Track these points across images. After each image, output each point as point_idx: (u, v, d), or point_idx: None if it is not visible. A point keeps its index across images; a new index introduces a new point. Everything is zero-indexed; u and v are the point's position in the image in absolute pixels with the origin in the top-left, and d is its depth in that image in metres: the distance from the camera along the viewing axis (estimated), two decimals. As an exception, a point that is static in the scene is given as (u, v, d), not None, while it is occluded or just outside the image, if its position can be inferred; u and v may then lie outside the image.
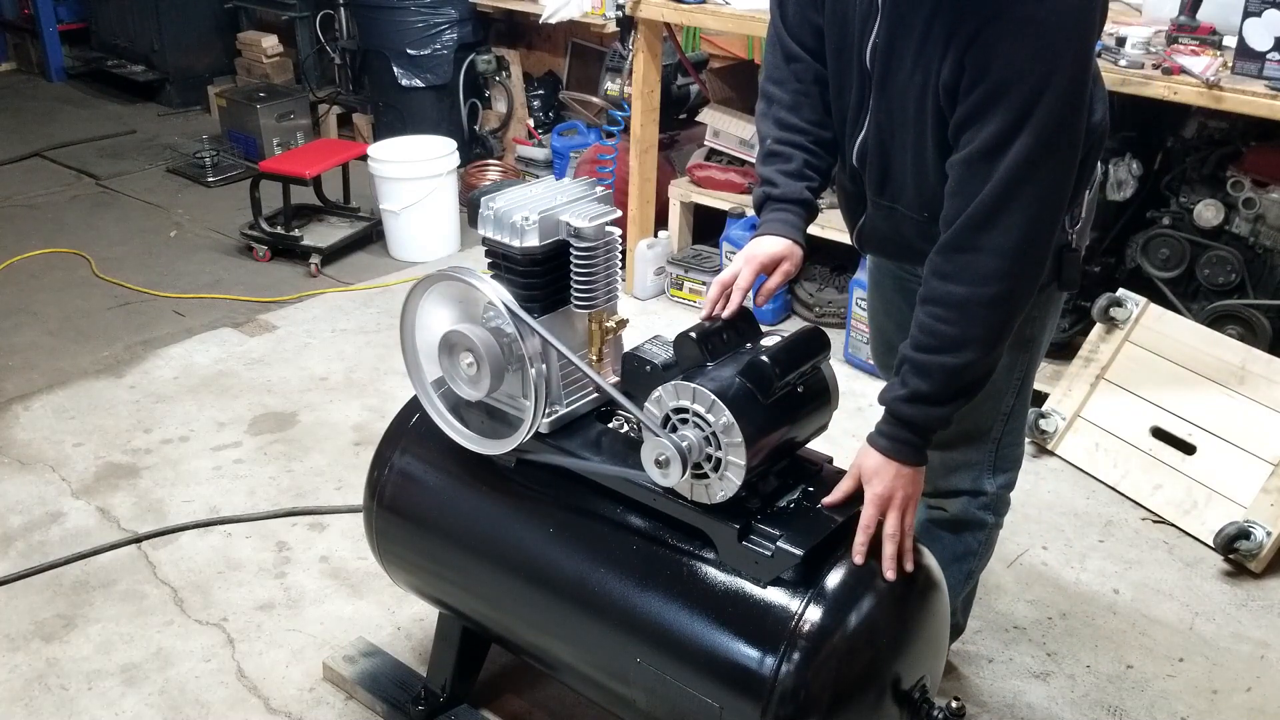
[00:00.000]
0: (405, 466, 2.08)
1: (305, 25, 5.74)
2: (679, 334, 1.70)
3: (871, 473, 1.66)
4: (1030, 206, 1.55)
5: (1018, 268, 1.59)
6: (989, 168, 1.54)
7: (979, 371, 1.64)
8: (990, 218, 1.56)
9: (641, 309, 3.99)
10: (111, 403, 3.43)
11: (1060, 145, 1.55)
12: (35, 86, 6.85)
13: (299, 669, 2.39)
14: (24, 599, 2.60)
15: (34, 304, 4.10)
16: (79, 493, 2.99)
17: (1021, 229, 1.56)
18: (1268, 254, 3.08)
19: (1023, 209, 1.55)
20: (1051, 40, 1.48)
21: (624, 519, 1.81)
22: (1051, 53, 1.49)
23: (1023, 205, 1.55)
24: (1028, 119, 1.50)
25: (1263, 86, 2.78)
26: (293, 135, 5.35)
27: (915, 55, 1.60)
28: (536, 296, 1.83)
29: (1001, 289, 1.59)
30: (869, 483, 1.66)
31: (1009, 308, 1.61)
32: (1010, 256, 1.57)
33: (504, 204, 1.84)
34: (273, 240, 4.43)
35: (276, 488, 3.00)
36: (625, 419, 1.93)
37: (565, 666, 1.96)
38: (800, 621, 1.61)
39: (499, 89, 5.27)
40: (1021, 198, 1.54)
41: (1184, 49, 3.02)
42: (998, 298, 1.59)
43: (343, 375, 3.59)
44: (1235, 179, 3.07)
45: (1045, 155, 1.53)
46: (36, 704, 2.31)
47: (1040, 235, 1.59)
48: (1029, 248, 1.58)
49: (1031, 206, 1.55)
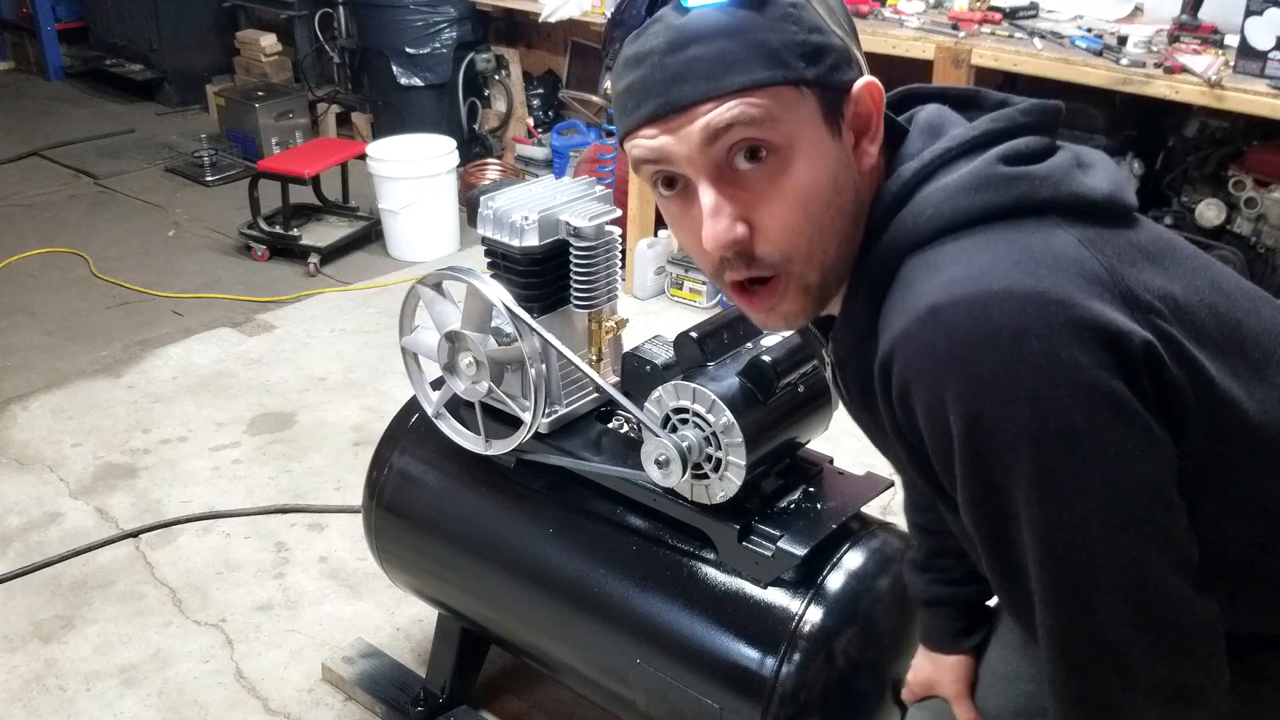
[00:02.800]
0: (404, 467, 2.07)
1: (304, 24, 5.73)
2: (679, 334, 1.69)
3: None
4: (1111, 596, 0.94)
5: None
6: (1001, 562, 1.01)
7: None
8: (1064, 639, 0.99)
9: (641, 309, 3.98)
10: (110, 403, 3.42)
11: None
12: (33, 85, 6.84)
13: (298, 670, 2.38)
14: (22, 599, 2.60)
15: (32, 304, 4.09)
16: (77, 493, 2.98)
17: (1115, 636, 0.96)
18: (1269, 253, 3.07)
19: (1103, 605, 0.95)
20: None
21: (624, 519, 1.80)
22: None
23: (1098, 599, 0.95)
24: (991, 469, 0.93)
25: (1264, 86, 2.78)
26: (291, 134, 5.34)
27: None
28: (536, 296, 1.83)
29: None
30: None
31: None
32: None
33: (503, 203, 1.83)
34: (271, 240, 4.42)
35: (275, 488, 2.99)
36: (625, 419, 1.92)
37: (565, 667, 1.96)
38: (801, 622, 1.61)
39: (498, 88, 5.26)
40: (1089, 589, 0.95)
41: (1186, 48, 3.02)
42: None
43: (341, 375, 3.58)
44: (1237, 178, 3.07)
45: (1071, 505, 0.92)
46: (35, 704, 2.30)
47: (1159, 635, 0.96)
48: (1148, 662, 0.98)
49: (1113, 595, 0.94)
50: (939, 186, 0.99)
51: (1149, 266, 0.97)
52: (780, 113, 0.95)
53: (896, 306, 0.96)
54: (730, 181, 0.97)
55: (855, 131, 1.00)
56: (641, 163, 1.00)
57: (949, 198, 0.97)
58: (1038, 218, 0.96)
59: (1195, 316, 0.97)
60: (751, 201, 0.98)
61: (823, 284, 1.03)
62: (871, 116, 1.01)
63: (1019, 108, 1.04)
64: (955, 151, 1.01)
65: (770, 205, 0.97)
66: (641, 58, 0.97)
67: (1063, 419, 0.89)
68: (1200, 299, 0.99)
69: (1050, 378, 0.88)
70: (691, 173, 0.98)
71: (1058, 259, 0.92)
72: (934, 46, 3.33)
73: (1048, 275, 0.90)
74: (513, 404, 1.83)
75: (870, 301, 1.02)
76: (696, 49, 0.94)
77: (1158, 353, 0.91)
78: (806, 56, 0.95)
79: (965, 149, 1.01)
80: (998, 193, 0.96)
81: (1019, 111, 1.04)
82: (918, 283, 0.95)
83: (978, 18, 3.47)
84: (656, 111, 0.96)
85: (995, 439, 0.91)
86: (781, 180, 0.97)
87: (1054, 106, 1.05)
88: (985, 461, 0.93)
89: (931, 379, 0.92)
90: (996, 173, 0.98)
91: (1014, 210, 0.96)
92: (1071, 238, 0.95)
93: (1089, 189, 0.99)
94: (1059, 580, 0.95)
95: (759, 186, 0.97)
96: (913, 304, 0.94)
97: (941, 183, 0.99)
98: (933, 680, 1.46)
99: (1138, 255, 0.97)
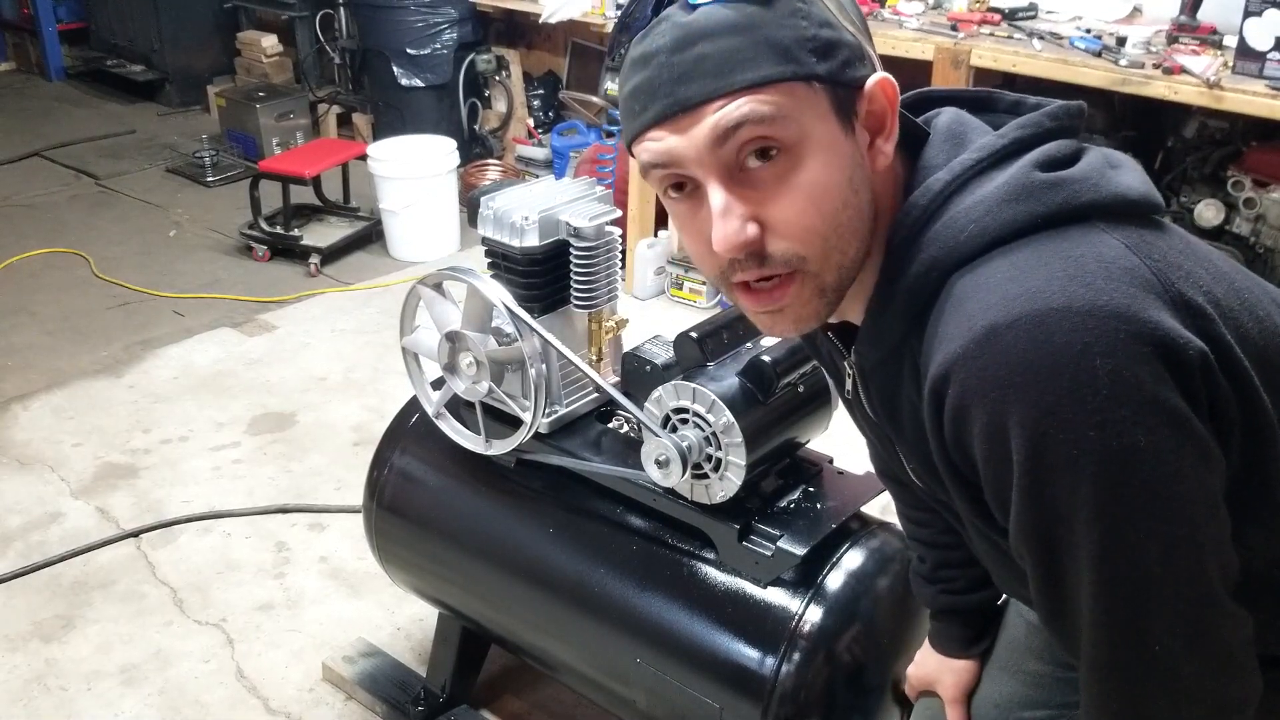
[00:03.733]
0: (405, 466, 2.07)
1: (305, 25, 5.73)
2: (679, 334, 1.69)
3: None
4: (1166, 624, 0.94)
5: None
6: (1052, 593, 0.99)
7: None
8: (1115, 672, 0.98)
9: (641, 309, 3.98)
10: (110, 403, 3.43)
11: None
12: (34, 86, 6.84)
13: (298, 669, 2.38)
14: (23, 599, 2.60)
15: (33, 304, 4.09)
16: (78, 493, 2.99)
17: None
18: (1269, 254, 3.07)
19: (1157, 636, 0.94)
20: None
21: (624, 519, 1.81)
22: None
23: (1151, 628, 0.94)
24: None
25: (1263, 86, 2.78)
26: (292, 135, 5.35)
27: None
28: (536, 296, 1.83)
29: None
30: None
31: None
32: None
33: (504, 203, 1.83)
34: (272, 240, 4.42)
35: (275, 488, 3.00)
36: (625, 419, 1.92)
37: (565, 667, 1.96)
38: (801, 622, 1.61)
39: (499, 89, 5.27)
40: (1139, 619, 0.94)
41: (1184, 49, 3.02)
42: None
43: (342, 375, 3.58)
44: (1236, 179, 3.07)
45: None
46: (35, 704, 2.30)
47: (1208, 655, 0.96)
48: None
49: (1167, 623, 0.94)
50: (977, 199, 0.96)
51: (1194, 268, 0.95)
52: (791, 110, 0.92)
53: (949, 327, 0.93)
54: (741, 181, 0.94)
55: (870, 129, 0.98)
56: (650, 167, 0.97)
57: (990, 211, 0.94)
58: (1082, 224, 0.93)
59: (1238, 319, 0.95)
60: (762, 200, 0.94)
61: (838, 286, 0.99)
62: (886, 114, 0.98)
63: (1045, 111, 1.01)
64: (987, 162, 0.98)
65: (782, 203, 0.94)
66: (648, 58, 0.94)
67: (1126, 439, 0.87)
68: (1240, 300, 0.97)
69: (1114, 397, 0.86)
70: (701, 174, 0.95)
71: (1110, 268, 0.89)
72: (933, 47, 3.34)
73: (1104, 287, 0.88)
74: (513, 404, 1.83)
75: (908, 317, 0.99)
76: (704, 46, 0.91)
77: (1211, 361, 0.89)
78: (817, 52, 0.92)
79: (997, 158, 0.98)
80: (1039, 201, 0.94)
81: (1046, 116, 1.01)
82: (969, 302, 0.92)
83: (977, 19, 3.48)
84: (664, 111, 0.93)
85: (1059, 463, 0.88)
86: (794, 179, 0.94)
87: (1078, 107, 1.03)
88: (1047, 486, 0.90)
89: (993, 402, 0.89)
90: (1034, 180, 0.95)
91: (1057, 218, 0.93)
92: (1118, 243, 0.92)
93: (1127, 188, 0.96)
94: (1114, 603, 0.93)
95: (770, 185, 0.94)
96: (968, 324, 0.90)
97: (978, 195, 0.96)
98: (934, 679, 1.46)
99: (1181, 256, 0.95)
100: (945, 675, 1.44)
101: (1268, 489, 0.98)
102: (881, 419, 1.12)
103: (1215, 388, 0.91)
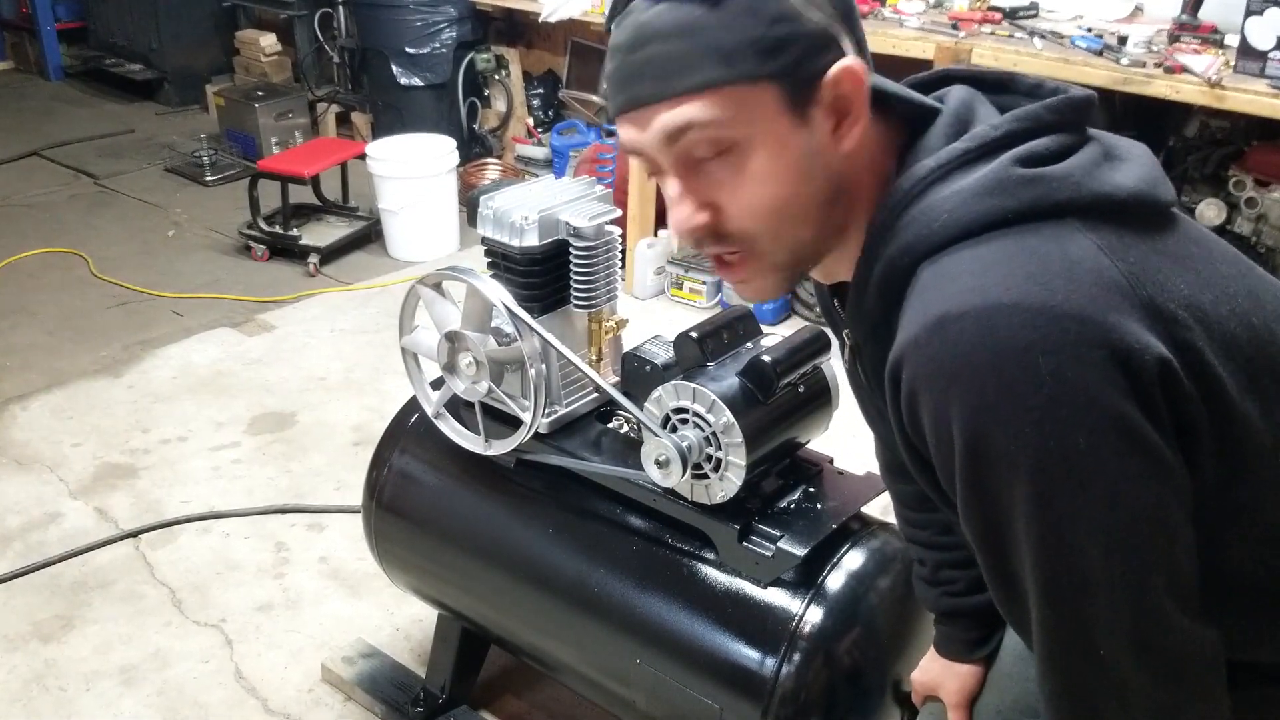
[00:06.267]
0: (404, 467, 2.07)
1: (304, 24, 5.72)
2: (679, 334, 1.69)
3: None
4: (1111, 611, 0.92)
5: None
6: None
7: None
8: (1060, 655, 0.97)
9: (641, 309, 3.98)
10: (109, 403, 3.42)
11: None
12: (33, 85, 6.84)
13: (297, 670, 2.38)
14: (22, 599, 2.59)
15: (32, 304, 4.09)
16: (77, 493, 2.98)
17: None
18: (1270, 253, 3.07)
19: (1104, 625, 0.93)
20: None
21: (624, 519, 1.80)
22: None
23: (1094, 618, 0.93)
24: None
25: (1265, 85, 2.78)
26: (291, 134, 5.34)
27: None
28: (536, 296, 1.82)
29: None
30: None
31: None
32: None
33: (503, 203, 1.83)
34: (271, 240, 4.42)
35: (275, 488, 2.99)
36: (625, 419, 1.92)
37: (565, 667, 1.95)
38: (801, 622, 1.60)
39: (498, 88, 5.26)
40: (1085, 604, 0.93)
41: (1186, 48, 3.02)
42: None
43: (341, 375, 3.58)
44: (1237, 178, 3.07)
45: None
46: (35, 705, 2.30)
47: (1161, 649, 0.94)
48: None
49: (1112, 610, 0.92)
50: (954, 190, 0.96)
51: (1177, 272, 0.93)
52: (735, 111, 0.95)
53: (910, 313, 0.95)
54: (695, 171, 1.00)
55: (836, 114, 0.99)
56: (624, 150, 1.04)
57: (964, 202, 0.95)
58: (1057, 221, 0.93)
59: (1225, 327, 0.94)
60: (714, 189, 1.00)
61: (794, 263, 1.05)
62: (851, 100, 0.98)
63: (1046, 104, 1.00)
64: (975, 153, 0.98)
65: (732, 193, 0.99)
66: (613, 51, 0.99)
67: (1065, 440, 0.86)
68: (1232, 308, 0.95)
69: (1054, 397, 0.85)
70: (661, 164, 1.01)
71: (1074, 268, 0.89)
72: (934, 46, 3.33)
73: (1062, 287, 0.87)
74: (513, 404, 1.83)
75: (884, 299, 1.01)
76: (653, 48, 0.95)
77: (1173, 369, 0.88)
78: (765, 51, 0.93)
79: (985, 150, 0.98)
80: (1011, 196, 0.93)
81: (1045, 109, 1.00)
82: (930, 291, 0.94)
83: (978, 17, 3.47)
84: (622, 108, 1.00)
85: (996, 457, 0.89)
86: (743, 170, 0.98)
87: (1083, 99, 1.01)
88: (985, 478, 0.91)
89: (939, 392, 0.90)
90: (1011, 175, 0.95)
91: (1030, 214, 0.93)
92: (1090, 243, 0.91)
93: (1113, 188, 0.95)
94: (1056, 602, 0.93)
95: (721, 175, 0.99)
96: (925, 312, 0.92)
97: (956, 186, 0.96)
98: (937, 684, 1.46)
99: (1164, 260, 0.93)
100: (949, 680, 1.44)
101: (1250, 499, 0.96)
102: (874, 388, 1.13)
103: (1181, 398, 0.89)
